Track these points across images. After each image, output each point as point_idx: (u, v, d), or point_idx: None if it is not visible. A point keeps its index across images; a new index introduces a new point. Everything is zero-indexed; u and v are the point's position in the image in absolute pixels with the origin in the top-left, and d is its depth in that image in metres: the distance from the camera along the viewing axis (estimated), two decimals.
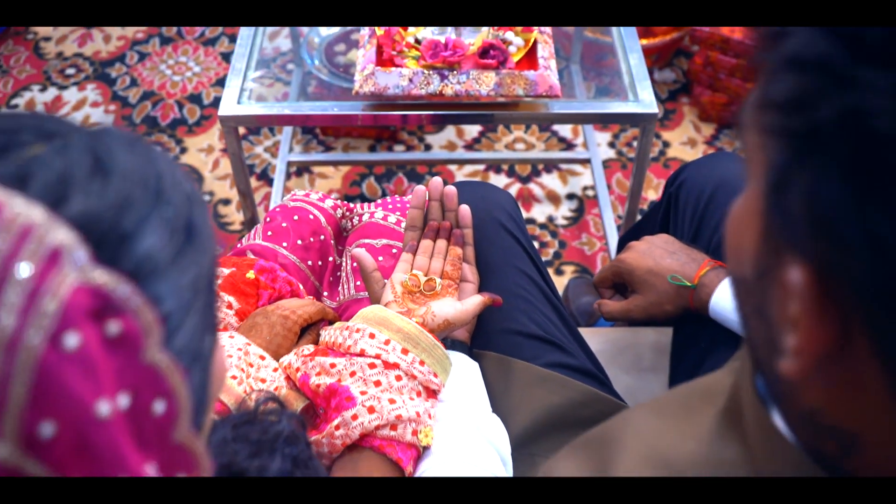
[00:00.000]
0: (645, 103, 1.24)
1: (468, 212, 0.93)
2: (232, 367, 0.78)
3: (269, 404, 0.54)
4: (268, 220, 1.05)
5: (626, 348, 1.10)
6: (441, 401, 0.81)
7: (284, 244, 1.02)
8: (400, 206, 1.10)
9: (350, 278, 1.02)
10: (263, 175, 1.85)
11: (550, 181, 1.83)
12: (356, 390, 0.76)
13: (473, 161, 1.84)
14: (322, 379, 0.78)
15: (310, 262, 1.03)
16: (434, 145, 1.90)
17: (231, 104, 1.24)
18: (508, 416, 0.86)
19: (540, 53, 1.19)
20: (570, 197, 1.80)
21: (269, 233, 1.03)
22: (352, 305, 1.00)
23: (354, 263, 1.02)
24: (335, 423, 0.75)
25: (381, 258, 1.02)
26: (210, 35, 2.16)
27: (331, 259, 1.06)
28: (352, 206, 1.11)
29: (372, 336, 0.80)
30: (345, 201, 1.12)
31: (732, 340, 0.89)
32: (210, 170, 1.85)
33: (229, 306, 0.92)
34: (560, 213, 1.77)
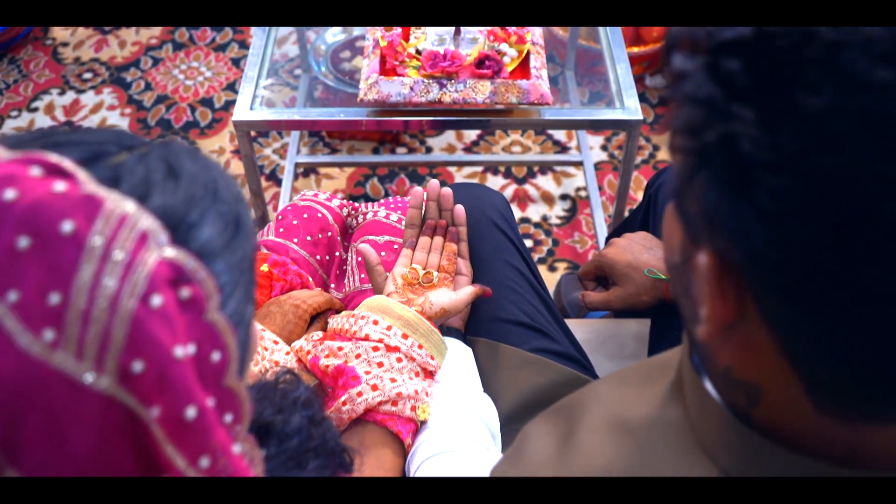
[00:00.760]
0: (630, 110, 1.32)
1: (463, 211, 1.01)
2: None
3: (287, 377, 0.63)
4: (280, 217, 1.13)
5: (609, 338, 1.18)
6: (437, 381, 0.88)
7: (295, 240, 1.10)
8: (401, 205, 1.17)
9: (355, 271, 1.11)
10: (272, 176, 1.93)
11: (545, 182, 1.91)
12: (361, 370, 0.84)
13: (472, 163, 1.92)
14: (330, 360, 0.86)
15: (318, 257, 1.11)
16: (435, 148, 1.98)
17: (244, 110, 1.32)
18: (498, 396, 0.93)
19: (532, 64, 1.27)
20: (564, 197, 1.89)
21: (281, 230, 1.11)
22: (357, 296, 1.07)
23: (359, 258, 1.10)
24: (342, 399, 0.83)
25: (383, 253, 1.09)
26: (220, 41, 2.25)
27: (337, 254, 1.14)
28: (356, 206, 1.19)
29: (375, 322, 0.87)
30: (350, 201, 1.20)
31: None
32: None
33: None
34: (554, 213, 1.86)
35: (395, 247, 1.10)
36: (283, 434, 0.53)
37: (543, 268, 1.76)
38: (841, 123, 0.33)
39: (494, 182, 1.91)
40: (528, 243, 1.80)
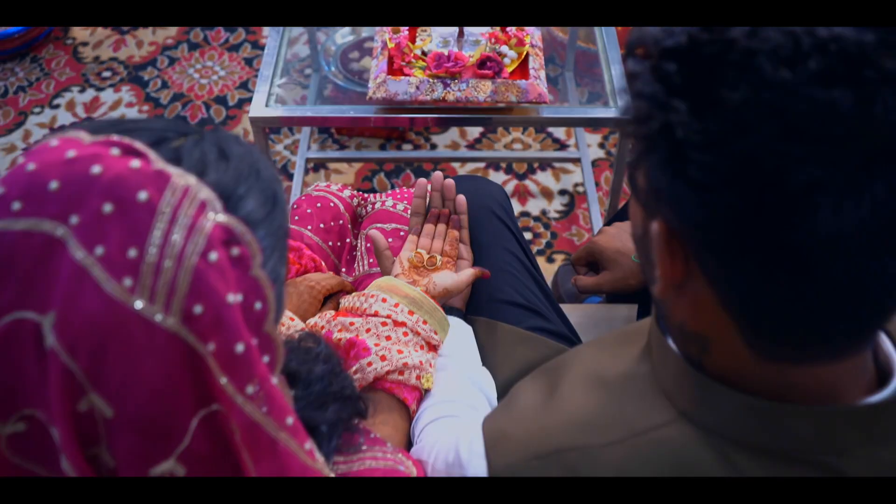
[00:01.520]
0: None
1: (464, 200, 1.08)
2: None
3: (308, 338, 0.72)
4: (295, 206, 1.21)
5: (601, 321, 1.26)
6: (440, 355, 0.95)
7: (309, 227, 1.18)
8: (407, 196, 1.25)
9: (364, 256, 1.19)
10: (284, 170, 2.01)
11: (544, 178, 2.00)
12: (371, 343, 0.91)
13: (474, 159, 2.00)
14: (343, 334, 0.93)
15: (330, 243, 1.19)
16: (439, 144, 2.06)
17: (260, 107, 1.40)
18: (495, 370, 0.99)
19: (531, 65, 1.34)
20: (562, 193, 1.97)
21: (297, 218, 1.19)
22: (365, 279, 1.15)
23: (368, 244, 1.18)
24: (353, 368, 0.90)
25: (390, 240, 1.16)
26: (234, 41, 2.33)
27: (348, 240, 1.22)
28: (366, 196, 1.27)
29: (384, 300, 0.94)
30: (359, 192, 1.28)
31: None
32: None
33: None
34: (553, 207, 1.94)
35: (402, 234, 1.18)
36: (308, 380, 0.62)
37: (542, 259, 1.84)
38: (753, 113, 0.41)
39: (496, 178, 1.99)
40: (528, 236, 1.88)
